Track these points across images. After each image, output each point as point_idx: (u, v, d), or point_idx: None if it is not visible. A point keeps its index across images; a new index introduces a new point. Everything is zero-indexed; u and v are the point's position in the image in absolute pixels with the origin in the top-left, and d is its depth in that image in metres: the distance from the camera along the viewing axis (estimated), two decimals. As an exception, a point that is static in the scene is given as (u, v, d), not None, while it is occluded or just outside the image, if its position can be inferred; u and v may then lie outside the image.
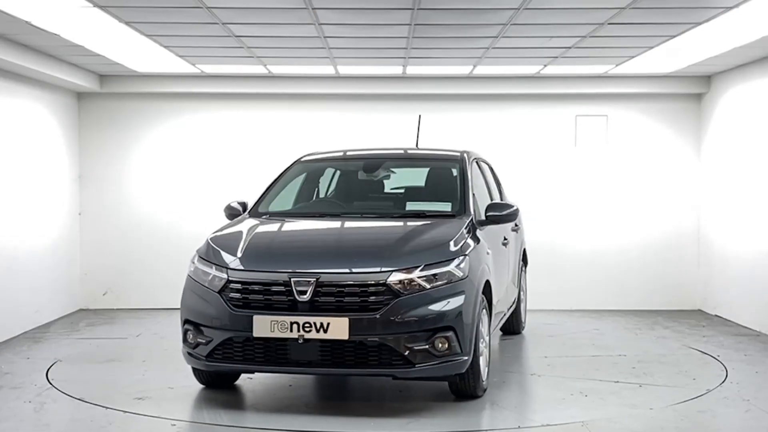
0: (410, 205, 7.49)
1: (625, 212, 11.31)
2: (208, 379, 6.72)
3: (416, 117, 8.86)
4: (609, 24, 7.61)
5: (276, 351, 5.93)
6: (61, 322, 10.12)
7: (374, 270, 5.92)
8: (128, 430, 5.75)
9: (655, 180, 11.30)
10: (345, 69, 10.27)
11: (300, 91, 11.00)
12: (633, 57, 9.36)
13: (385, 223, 6.85)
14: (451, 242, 6.24)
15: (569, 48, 8.77)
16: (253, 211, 7.28)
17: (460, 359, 5.97)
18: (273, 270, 6.03)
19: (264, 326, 5.87)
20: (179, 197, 11.23)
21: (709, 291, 10.93)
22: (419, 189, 7.72)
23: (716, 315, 10.63)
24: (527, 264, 9.61)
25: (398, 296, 5.85)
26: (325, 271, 5.95)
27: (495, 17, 7.41)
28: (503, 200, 8.67)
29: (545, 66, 9.99)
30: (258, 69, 10.24)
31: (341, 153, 8.20)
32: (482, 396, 6.41)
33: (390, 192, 7.85)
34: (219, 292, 6.08)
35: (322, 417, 6.06)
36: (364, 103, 11.23)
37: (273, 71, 10.41)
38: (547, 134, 11.29)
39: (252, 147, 11.19)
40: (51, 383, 6.96)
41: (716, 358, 8.01)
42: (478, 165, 8.03)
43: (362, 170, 7.81)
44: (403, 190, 7.78)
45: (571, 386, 6.86)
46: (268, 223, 6.99)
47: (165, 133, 11.25)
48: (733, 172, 10.20)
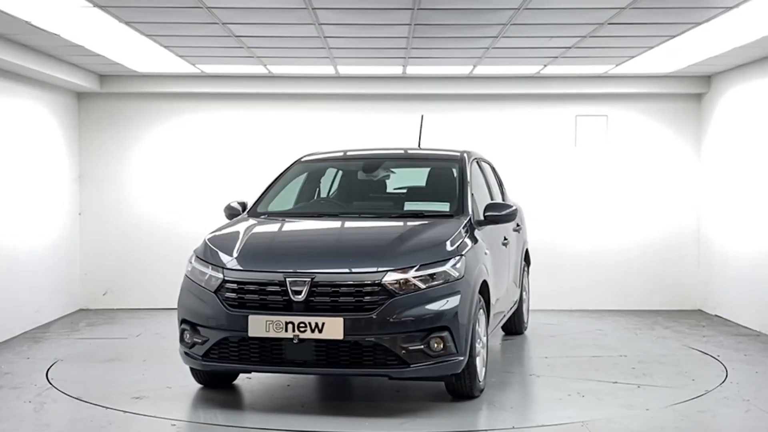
0: (408, 205, 7.47)
1: (625, 212, 11.31)
2: (206, 379, 6.72)
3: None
4: (609, 24, 7.61)
5: (271, 351, 5.93)
6: (61, 322, 10.12)
7: (369, 270, 5.92)
8: (128, 430, 5.75)
9: (655, 180, 11.30)
10: (345, 69, 10.27)
11: (300, 91, 10.99)
12: (633, 57, 9.36)
13: (382, 223, 6.84)
14: (448, 242, 6.23)
15: (569, 48, 8.77)
16: (252, 211, 7.28)
17: (456, 359, 5.96)
18: (268, 270, 6.03)
19: (259, 326, 5.87)
20: (179, 197, 11.23)
21: (709, 291, 10.93)
22: (421, 189, 7.71)
23: (716, 315, 10.63)
24: (530, 264, 9.60)
25: (393, 296, 5.84)
26: (320, 271, 5.94)
27: (495, 17, 7.41)
28: (505, 200, 8.65)
29: (545, 66, 9.99)
30: (258, 69, 10.23)
31: (341, 153, 8.19)
32: (479, 396, 6.40)
33: (392, 192, 7.84)
34: (215, 292, 6.08)
35: (319, 417, 6.07)
36: (364, 103, 11.23)
37: (273, 71, 10.40)
38: (547, 134, 11.29)
39: (252, 147, 11.19)
40: (51, 383, 6.96)
41: (716, 358, 8.00)
42: (479, 165, 8.00)
43: (361, 170, 7.80)
44: (405, 190, 7.77)
45: (570, 387, 6.85)
46: (266, 224, 6.99)
47: (165, 133, 11.25)
48: (733, 172, 10.20)
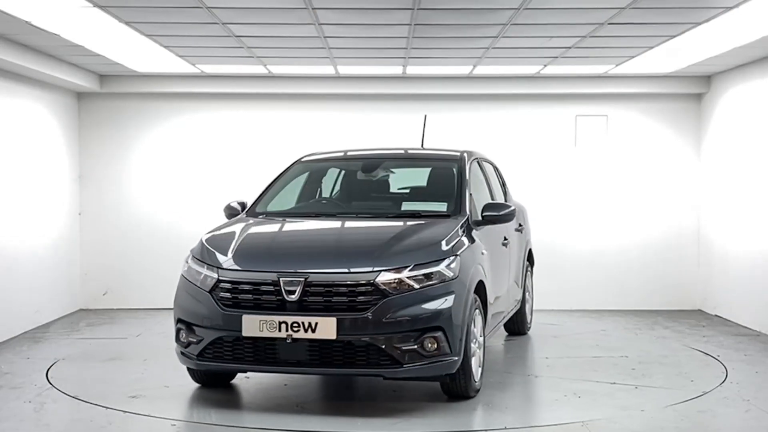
0: (406, 205, 7.46)
1: (625, 212, 11.31)
2: (204, 379, 6.72)
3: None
4: (609, 24, 7.61)
5: (265, 350, 5.94)
6: (61, 322, 10.12)
7: (362, 270, 5.92)
8: (128, 430, 5.75)
9: (655, 180, 11.29)
10: (345, 69, 10.27)
11: (300, 91, 10.99)
12: (633, 57, 9.36)
13: (379, 223, 6.83)
14: (443, 242, 6.22)
15: (569, 48, 8.77)
16: (250, 211, 7.29)
17: (450, 359, 5.95)
18: (262, 270, 6.04)
19: (253, 326, 5.88)
20: (179, 197, 11.23)
21: (709, 291, 10.93)
22: (423, 189, 7.70)
23: (716, 315, 10.63)
24: (533, 264, 9.58)
25: (387, 296, 5.83)
26: (314, 271, 5.94)
27: (495, 17, 7.41)
28: (508, 201, 8.64)
29: (545, 66, 9.99)
30: (258, 69, 10.23)
31: (342, 153, 8.19)
32: (475, 396, 6.39)
33: (394, 192, 7.81)
34: (210, 292, 6.09)
35: (314, 416, 6.06)
36: (364, 103, 11.23)
37: (273, 71, 10.40)
38: (547, 134, 11.29)
39: (252, 147, 11.18)
40: (51, 383, 6.95)
41: (716, 358, 8.00)
42: (480, 165, 7.99)
43: (361, 170, 7.79)
44: (409, 191, 7.75)
45: (567, 387, 6.84)
46: (263, 224, 6.99)
47: (165, 133, 11.24)
48: (733, 172, 10.20)
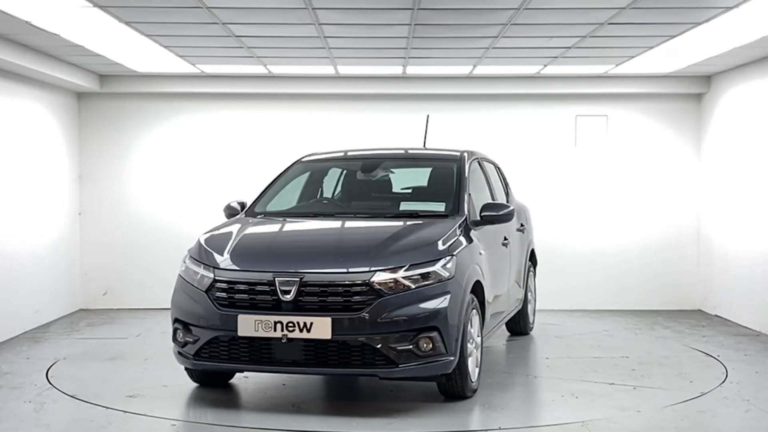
0: (404, 206, 7.45)
1: (625, 212, 11.31)
2: (202, 378, 6.73)
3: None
4: (609, 24, 7.61)
5: (260, 350, 5.94)
6: (61, 322, 10.11)
7: (357, 270, 5.91)
8: (128, 430, 5.75)
9: (655, 180, 11.30)
10: (345, 69, 10.27)
11: (300, 91, 10.99)
12: (633, 57, 9.36)
13: (376, 224, 6.82)
14: (439, 242, 6.22)
15: (569, 48, 8.77)
16: (249, 211, 7.29)
17: (446, 360, 5.94)
18: (257, 270, 6.05)
19: (248, 325, 5.88)
20: (179, 197, 11.23)
21: (709, 291, 10.93)
22: (424, 189, 7.69)
23: (716, 315, 10.63)
24: (536, 265, 9.57)
25: (382, 296, 5.83)
26: (309, 271, 5.94)
27: (495, 17, 7.41)
28: (510, 201, 8.64)
29: (545, 66, 9.99)
30: (258, 69, 10.23)
31: (342, 153, 8.19)
32: (472, 397, 6.38)
33: (393, 192, 7.79)
34: (206, 291, 6.10)
35: (310, 416, 6.05)
36: (364, 103, 11.23)
37: (273, 71, 10.40)
38: (547, 134, 11.29)
39: (252, 147, 11.18)
40: (51, 383, 6.95)
41: (716, 358, 8.00)
42: (480, 165, 7.97)
43: (360, 170, 7.79)
44: (411, 191, 7.74)
45: (565, 388, 6.83)
46: (261, 224, 6.99)
47: (165, 133, 11.24)
48: (733, 172, 10.20)
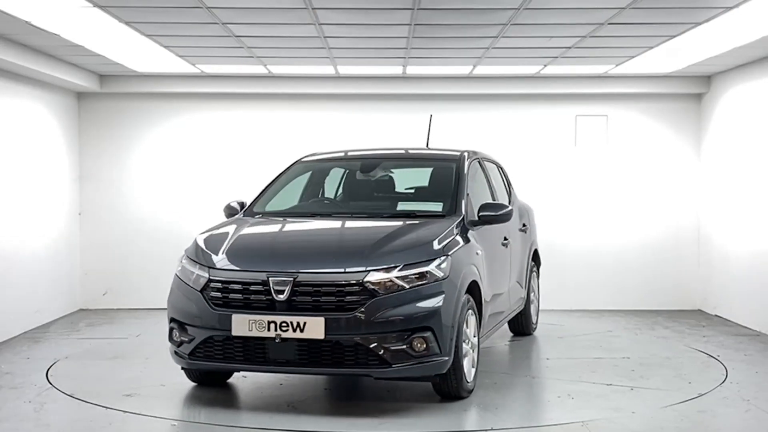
0: (402, 206, 7.45)
1: (625, 212, 11.31)
2: (200, 378, 6.74)
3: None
4: (609, 24, 7.61)
5: (254, 350, 5.95)
6: (61, 322, 10.11)
7: (350, 270, 5.92)
8: (128, 430, 5.75)
9: (655, 180, 11.30)
10: (345, 69, 10.27)
11: (300, 91, 10.99)
12: (633, 57, 9.36)
13: (372, 224, 6.82)
14: (435, 242, 6.21)
15: (569, 48, 8.77)
16: (248, 211, 7.30)
17: (440, 360, 5.94)
18: (251, 269, 6.06)
19: (242, 325, 5.89)
20: (179, 197, 11.23)
21: (709, 291, 10.93)
22: (425, 189, 7.68)
23: (716, 315, 10.63)
24: (540, 265, 9.55)
25: (375, 296, 5.83)
26: (303, 271, 5.94)
27: (495, 17, 7.41)
28: (512, 201, 8.64)
29: (545, 66, 9.99)
30: (258, 69, 10.23)
31: (342, 153, 8.18)
32: (468, 397, 6.37)
33: (393, 193, 7.78)
34: (201, 291, 6.11)
35: (306, 416, 6.03)
36: (364, 103, 11.23)
37: (273, 71, 10.40)
38: (547, 134, 11.29)
39: (252, 147, 11.18)
40: (51, 383, 6.95)
41: (716, 358, 8.00)
42: (481, 165, 7.97)
43: (359, 170, 7.79)
44: (414, 191, 7.73)
45: (562, 389, 6.82)
46: (258, 224, 7.00)
47: (165, 133, 11.24)
48: (733, 172, 10.20)
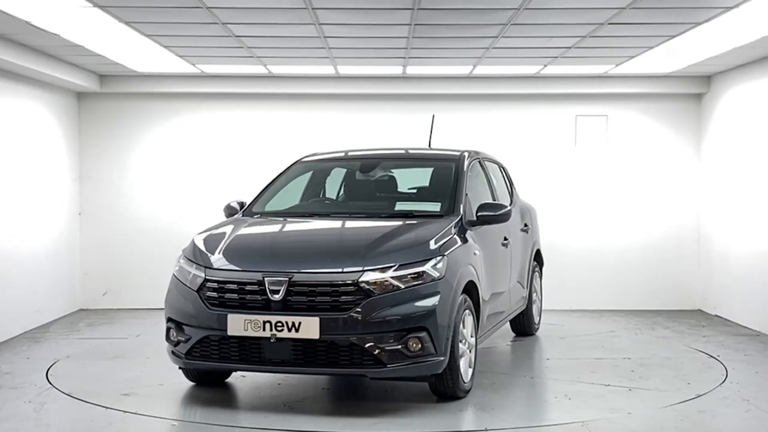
0: (400, 206, 7.45)
1: (625, 212, 11.31)
2: (198, 377, 6.74)
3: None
4: (609, 24, 7.61)
5: (250, 350, 5.96)
6: (61, 322, 10.11)
7: (345, 270, 5.92)
8: (128, 430, 5.75)
9: (655, 180, 11.29)
10: (345, 69, 10.27)
11: (300, 91, 10.99)
12: (633, 57, 9.36)
13: (369, 224, 6.81)
14: (431, 242, 6.21)
15: (569, 48, 8.77)
16: (247, 211, 7.30)
17: (435, 360, 5.93)
18: (247, 269, 6.07)
19: (238, 325, 5.90)
20: (179, 197, 11.23)
21: (709, 291, 10.93)
22: (425, 189, 7.67)
23: (716, 315, 10.63)
24: (542, 265, 9.54)
25: (370, 296, 5.83)
26: (298, 271, 5.95)
27: (495, 17, 7.41)
28: (513, 201, 8.63)
29: (545, 66, 9.99)
30: (258, 69, 10.23)
31: (342, 153, 8.18)
32: (465, 397, 6.36)
33: (393, 193, 7.76)
34: (197, 291, 6.12)
35: (303, 416, 6.03)
36: (364, 103, 11.22)
37: (273, 71, 10.40)
38: (547, 134, 11.29)
39: (252, 147, 11.18)
40: (51, 383, 6.95)
41: (716, 358, 8.00)
42: (482, 165, 7.97)
43: (359, 171, 7.78)
44: (416, 191, 7.72)
45: (560, 389, 6.82)
46: (255, 223, 7.00)
47: (165, 133, 11.24)
48: (733, 172, 10.20)
